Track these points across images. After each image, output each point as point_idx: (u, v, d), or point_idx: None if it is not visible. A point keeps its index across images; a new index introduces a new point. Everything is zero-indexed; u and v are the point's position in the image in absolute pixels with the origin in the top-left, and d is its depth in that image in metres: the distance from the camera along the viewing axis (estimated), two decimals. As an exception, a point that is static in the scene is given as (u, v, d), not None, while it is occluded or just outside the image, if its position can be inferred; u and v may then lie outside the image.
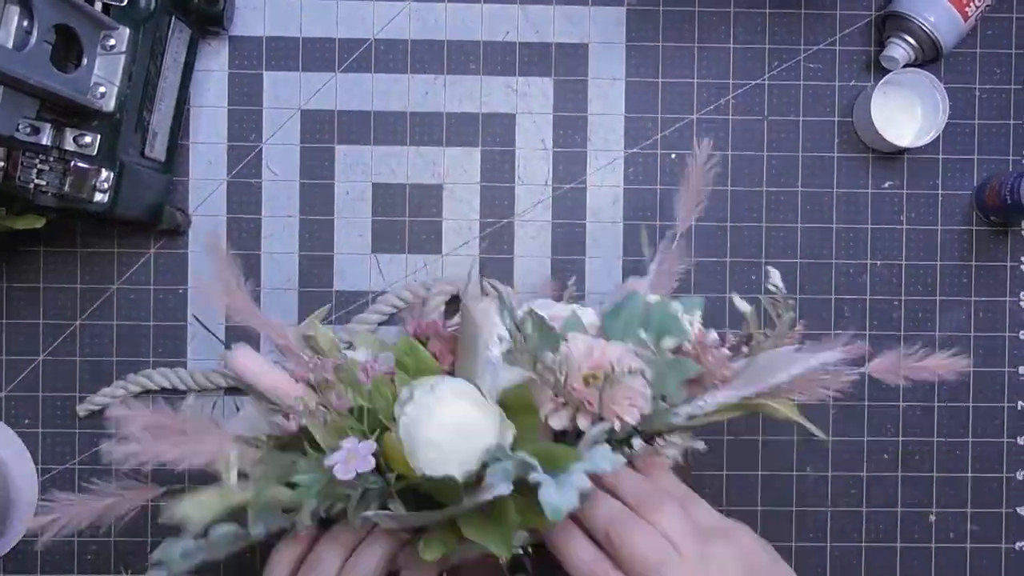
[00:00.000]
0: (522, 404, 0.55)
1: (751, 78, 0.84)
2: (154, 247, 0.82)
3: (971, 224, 0.84)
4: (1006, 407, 0.84)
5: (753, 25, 0.84)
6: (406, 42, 0.83)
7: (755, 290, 0.83)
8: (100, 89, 0.69)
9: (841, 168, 0.84)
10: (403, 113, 0.83)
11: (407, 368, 0.60)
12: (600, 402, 0.54)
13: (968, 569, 0.84)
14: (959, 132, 0.84)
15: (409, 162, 0.83)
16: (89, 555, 0.82)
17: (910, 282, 0.84)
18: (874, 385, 0.83)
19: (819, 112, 0.84)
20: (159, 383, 0.80)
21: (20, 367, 0.81)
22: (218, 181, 0.82)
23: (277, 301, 0.82)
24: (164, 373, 0.80)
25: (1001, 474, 0.84)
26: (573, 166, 0.83)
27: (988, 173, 0.84)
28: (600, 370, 0.54)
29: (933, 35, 0.79)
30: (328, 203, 0.83)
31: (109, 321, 0.82)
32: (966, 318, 0.84)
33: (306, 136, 0.83)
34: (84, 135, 0.68)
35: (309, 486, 0.53)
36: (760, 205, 0.83)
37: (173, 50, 0.76)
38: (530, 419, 0.55)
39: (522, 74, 0.83)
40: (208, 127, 0.82)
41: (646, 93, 0.83)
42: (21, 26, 0.62)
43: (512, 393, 0.56)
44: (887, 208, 0.84)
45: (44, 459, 0.82)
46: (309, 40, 0.82)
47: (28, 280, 0.81)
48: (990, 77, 0.84)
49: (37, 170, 0.67)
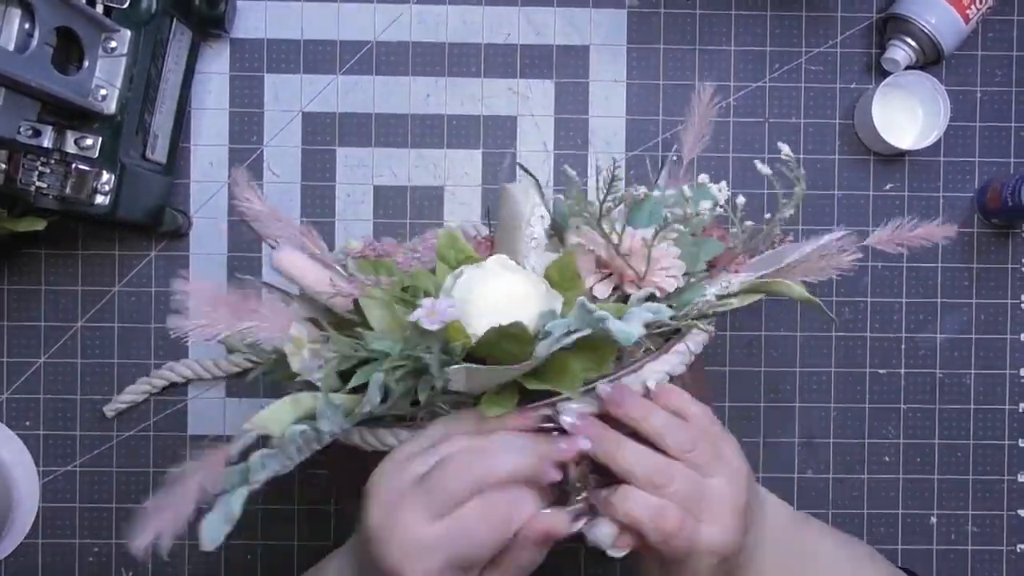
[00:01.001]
0: (566, 276, 0.57)
1: (752, 80, 0.84)
2: (155, 249, 0.82)
3: (973, 227, 0.84)
4: (1007, 409, 0.84)
5: (754, 27, 0.84)
6: (407, 44, 0.83)
7: (756, 292, 0.83)
8: (101, 91, 0.69)
9: (842, 170, 0.84)
10: (404, 115, 0.83)
11: (448, 260, 0.59)
12: (647, 266, 0.56)
13: (969, 571, 0.84)
14: (960, 134, 0.84)
15: (410, 164, 0.83)
16: (91, 557, 0.82)
17: (911, 284, 0.84)
18: (874, 387, 0.83)
19: (820, 114, 0.84)
20: (183, 375, 0.80)
21: (21, 369, 0.81)
22: (219, 183, 0.82)
23: (278, 303, 0.82)
24: (188, 364, 0.80)
25: (1003, 476, 0.84)
26: (574, 168, 0.83)
27: (989, 175, 0.84)
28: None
29: (934, 37, 0.79)
30: (329, 205, 0.83)
31: (110, 323, 0.82)
32: (968, 320, 0.84)
33: (307, 138, 0.83)
34: (85, 137, 0.68)
35: (390, 348, 0.52)
36: (761, 207, 0.83)
37: (174, 52, 0.76)
38: (574, 291, 0.57)
39: (523, 76, 0.83)
40: (209, 129, 0.82)
41: (647, 95, 0.83)
42: (22, 28, 0.62)
43: (557, 266, 0.57)
44: (888, 210, 0.84)
45: (46, 461, 0.82)
46: (310, 42, 0.83)
47: (29, 282, 0.82)
48: (991, 79, 0.84)
49: (38, 172, 0.67)
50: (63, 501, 0.82)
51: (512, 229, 0.60)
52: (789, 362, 0.83)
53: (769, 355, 0.83)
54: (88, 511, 0.82)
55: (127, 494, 0.82)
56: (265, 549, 0.82)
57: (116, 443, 0.82)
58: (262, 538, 0.82)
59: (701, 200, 0.62)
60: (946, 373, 0.84)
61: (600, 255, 0.58)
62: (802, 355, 0.84)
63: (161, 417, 0.82)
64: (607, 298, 0.58)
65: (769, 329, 0.83)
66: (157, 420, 0.82)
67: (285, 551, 0.82)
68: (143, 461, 0.82)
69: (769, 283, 0.60)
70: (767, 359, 0.83)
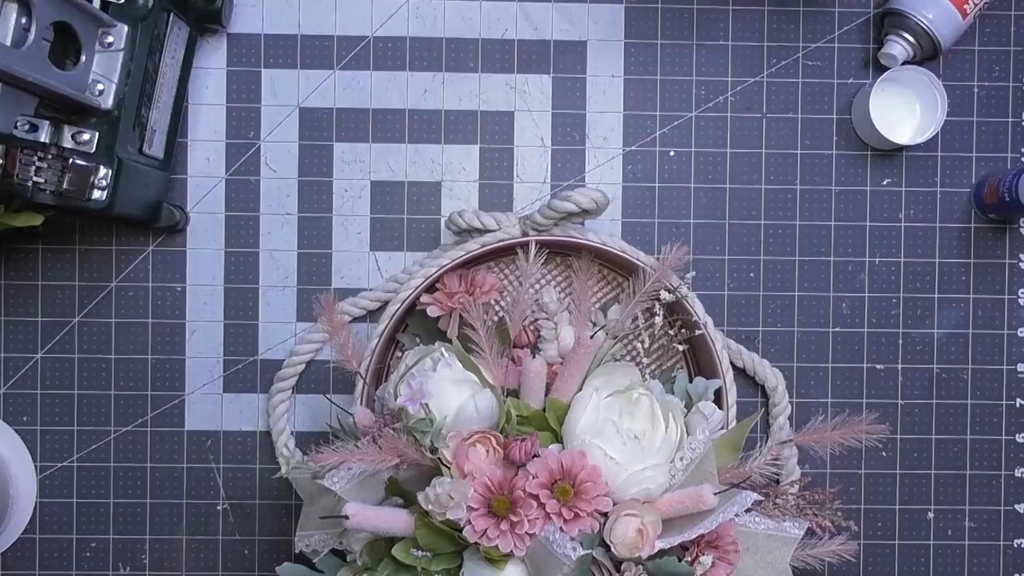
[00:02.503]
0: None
1: (750, 75, 0.84)
2: (152, 244, 0.82)
3: (970, 221, 0.84)
4: (1004, 404, 0.84)
5: (751, 22, 0.84)
6: (405, 39, 0.83)
7: (753, 287, 0.83)
8: (98, 86, 0.69)
9: (840, 165, 0.84)
10: (402, 111, 0.83)
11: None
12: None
13: (966, 566, 0.84)
14: (958, 129, 0.84)
15: (408, 160, 0.83)
16: (88, 552, 0.82)
17: (909, 279, 0.84)
18: (872, 382, 0.84)
19: (818, 110, 0.84)
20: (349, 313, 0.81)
21: (19, 364, 0.81)
22: (216, 179, 0.82)
23: (275, 299, 0.82)
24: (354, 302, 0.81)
25: (1000, 471, 0.84)
26: (572, 164, 0.83)
27: (987, 170, 0.84)
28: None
29: (932, 32, 0.79)
30: (326, 200, 0.83)
31: (107, 318, 0.82)
32: (965, 315, 0.84)
33: (304, 133, 0.83)
34: (82, 132, 0.68)
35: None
36: (759, 203, 0.83)
37: (171, 47, 0.76)
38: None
39: (521, 72, 0.83)
40: (206, 124, 0.82)
41: (645, 90, 0.83)
42: (19, 23, 0.61)
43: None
44: (886, 205, 0.84)
45: (43, 456, 0.82)
46: (307, 37, 0.82)
47: (26, 277, 0.81)
48: (988, 74, 0.84)
49: (36, 167, 0.67)
50: (60, 496, 0.82)
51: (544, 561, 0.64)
52: (786, 357, 0.83)
53: (767, 350, 0.83)
54: (85, 506, 0.82)
55: (124, 489, 0.82)
56: (262, 544, 0.82)
57: (113, 439, 0.82)
58: (260, 533, 0.82)
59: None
60: (943, 368, 0.84)
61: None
62: (799, 350, 0.84)
63: (158, 413, 0.82)
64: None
65: (767, 325, 0.83)
66: (154, 416, 0.82)
67: (283, 546, 0.82)
68: (140, 457, 0.82)
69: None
70: (764, 353, 0.83)
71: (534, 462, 0.62)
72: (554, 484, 0.62)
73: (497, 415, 0.66)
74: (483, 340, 0.67)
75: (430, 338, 0.76)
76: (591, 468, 0.62)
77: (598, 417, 0.65)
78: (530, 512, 0.60)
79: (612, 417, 0.65)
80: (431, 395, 0.65)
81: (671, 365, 0.80)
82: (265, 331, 0.83)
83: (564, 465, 0.62)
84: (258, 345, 0.83)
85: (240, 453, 0.82)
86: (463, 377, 0.67)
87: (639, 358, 0.78)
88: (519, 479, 0.62)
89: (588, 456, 0.63)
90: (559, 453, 0.63)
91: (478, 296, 0.73)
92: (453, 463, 0.63)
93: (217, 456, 0.82)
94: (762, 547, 0.68)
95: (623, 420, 0.65)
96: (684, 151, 0.83)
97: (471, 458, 0.62)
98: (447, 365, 0.68)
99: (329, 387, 0.82)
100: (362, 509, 0.61)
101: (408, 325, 0.78)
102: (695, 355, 0.80)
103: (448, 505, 0.61)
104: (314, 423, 0.83)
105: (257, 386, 0.82)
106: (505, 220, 0.76)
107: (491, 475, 0.62)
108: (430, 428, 0.65)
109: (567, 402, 0.68)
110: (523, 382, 0.69)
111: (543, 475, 0.61)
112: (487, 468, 0.62)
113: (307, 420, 0.83)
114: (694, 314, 0.75)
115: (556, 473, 0.62)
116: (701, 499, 0.63)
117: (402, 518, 0.63)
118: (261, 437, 0.82)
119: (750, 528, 0.68)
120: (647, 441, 0.65)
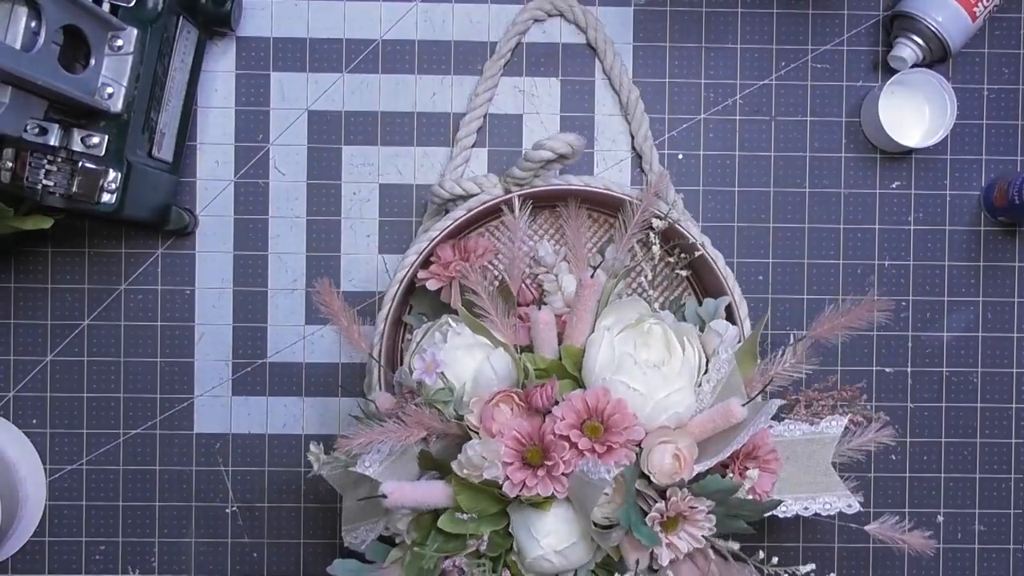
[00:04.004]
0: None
1: (759, 78, 0.83)
2: (161, 247, 0.82)
3: (979, 224, 0.84)
4: (1015, 408, 0.84)
5: (760, 25, 0.84)
6: (413, 43, 0.83)
7: (762, 289, 0.83)
8: (108, 90, 0.69)
9: (849, 168, 0.84)
10: (410, 114, 0.83)
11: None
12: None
13: (976, 570, 0.84)
14: (967, 132, 0.84)
15: (416, 163, 0.83)
16: (98, 555, 0.82)
17: (918, 282, 0.84)
18: (882, 385, 0.83)
19: (827, 112, 0.84)
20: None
21: (28, 367, 0.82)
22: (225, 182, 0.82)
23: (284, 302, 0.82)
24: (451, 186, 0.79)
25: (1010, 475, 0.84)
26: (581, 167, 0.83)
27: (996, 173, 0.84)
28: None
29: (941, 35, 0.79)
30: (335, 204, 0.83)
31: (117, 321, 0.82)
32: (974, 318, 0.84)
33: (313, 136, 0.83)
34: (92, 136, 0.68)
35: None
36: (767, 205, 0.83)
37: (180, 51, 0.76)
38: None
39: (529, 75, 0.83)
40: (215, 127, 0.82)
41: (654, 93, 0.83)
42: (29, 27, 0.62)
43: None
44: (895, 208, 0.84)
45: (52, 459, 0.82)
46: (316, 41, 0.83)
47: (36, 280, 0.82)
48: (998, 77, 0.84)
49: (45, 171, 0.67)
50: (70, 499, 0.82)
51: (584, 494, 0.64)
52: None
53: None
54: (94, 509, 0.82)
55: (133, 492, 0.82)
56: (272, 547, 0.83)
57: (122, 441, 0.82)
58: (269, 536, 0.82)
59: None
60: (953, 371, 0.84)
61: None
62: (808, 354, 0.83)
63: (167, 416, 0.82)
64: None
65: (776, 328, 0.83)
66: (163, 419, 0.82)
67: (291, 549, 0.82)
68: (149, 459, 0.82)
69: None
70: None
71: (560, 406, 0.62)
72: (583, 424, 0.61)
73: (515, 373, 0.66)
74: (486, 302, 0.67)
75: (436, 313, 0.75)
76: (616, 401, 0.62)
77: (614, 353, 0.65)
78: (564, 454, 0.60)
79: (628, 351, 0.64)
80: (445, 364, 0.65)
81: (679, 295, 0.80)
82: (274, 334, 0.83)
83: (589, 404, 0.61)
84: (267, 348, 0.83)
85: (249, 456, 0.82)
86: (474, 342, 0.68)
87: (645, 294, 0.77)
88: (547, 425, 0.61)
89: (612, 392, 0.62)
90: (583, 393, 0.62)
91: (473, 261, 0.73)
92: (481, 427, 0.63)
93: (226, 459, 0.82)
94: (801, 452, 0.67)
95: (639, 352, 0.65)
96: (693, 154, 0.83)
97: (497, 418, 0.62)
98: (457, 333, 0.68)
99: (337, 388, 0.83)
100: (399, 485, 0.61)
101: (412, 306, 0.78)
102: (699, 280, 0.79)
103: (483, 466, 0.61)
104: (323, 426, 0.83)
105: (266, 389, 0.82)
106: (486, 182, 0.75)
107: (519, 428, 0.61)
108: (451, 397, 0.65)
109: (581, 346, 0.67)
110: (534, 335, 0.68)
111: (571, 417, 0.61)
112: (514, 423, 0.62)
113: (316, 424, 0.83)
114: (690, 236, 0.75)
115: (583, 413, 0.61)
116: (731, 413, 0.62)
117: (440, 488, 0.63)
118: (270, 440, 0.83)
119: (786, 436, 0.67)
120: (667, 368, 0.65)
